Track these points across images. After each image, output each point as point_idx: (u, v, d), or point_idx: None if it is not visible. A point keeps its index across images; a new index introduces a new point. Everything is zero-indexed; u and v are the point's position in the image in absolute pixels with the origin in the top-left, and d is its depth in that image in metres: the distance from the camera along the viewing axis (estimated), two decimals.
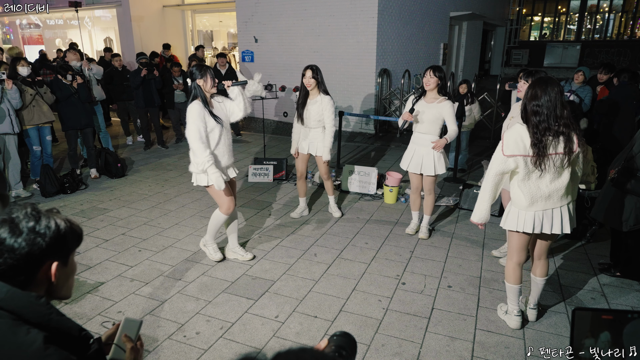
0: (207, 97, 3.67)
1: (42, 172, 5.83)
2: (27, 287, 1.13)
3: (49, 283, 1.18)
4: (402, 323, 3.20)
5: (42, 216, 1.16)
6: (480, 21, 15.37)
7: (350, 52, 9.32)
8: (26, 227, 1.13)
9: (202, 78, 3.60)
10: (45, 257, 1.15)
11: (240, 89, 3.88)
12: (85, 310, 3.33)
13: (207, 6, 12.88)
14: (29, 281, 1.14)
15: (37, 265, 1.14)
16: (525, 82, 3.81)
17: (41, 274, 1.16)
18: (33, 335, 1.06)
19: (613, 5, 22.10)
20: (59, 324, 1.14)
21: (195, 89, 3.62)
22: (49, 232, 1.15)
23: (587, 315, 1.16)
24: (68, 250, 1.21)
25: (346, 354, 1.03)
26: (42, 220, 1.16)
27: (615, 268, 3.83)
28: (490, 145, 8.41)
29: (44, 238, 1.14)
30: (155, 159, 7.68)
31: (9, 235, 1.11)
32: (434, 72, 4.16)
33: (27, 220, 1.14)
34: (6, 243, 1.10)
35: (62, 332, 1.14)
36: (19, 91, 5.51)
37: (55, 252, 1.17)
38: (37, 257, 1.13)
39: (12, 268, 1.11)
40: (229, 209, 3.84)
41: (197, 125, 3.54)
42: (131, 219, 5.05)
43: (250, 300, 3.47)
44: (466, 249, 4.34)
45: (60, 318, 1.15)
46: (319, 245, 4.42)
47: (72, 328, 1.18)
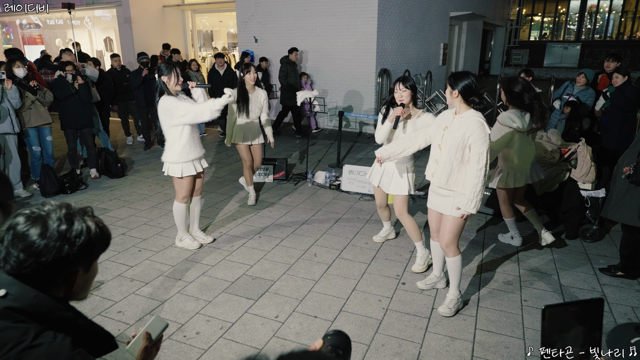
0: (172, 93, 3.87)
1: (42, 172, 5.83)
2: (48, 290, 1.11)
3: (69, 287, 1.16)
4: (402, 323, 3.20)
5: (76, 220, 1.12)
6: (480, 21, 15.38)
7: (350, 52, 9.32)
8: (57, 230, 1.08)
9: (167, 75, 3.81)
10: (70, 265, 1.12)
11: (203, 92, 4.09)
12: (85, 310, 3.33)
13: (207, 6, 12.88)
14: (51, 284, 1.12)
15: (61, 271, 1.11)
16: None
17: (63, 278, 1.13)
18: (60, 340, 1.05)
19: (613, 5, 22.10)
20: (84, 328, 1.14)
21: (161, 85, 3.84)
22: (79, 240, 1.10)
23: (557, 311, 1.15)
24: (94, 257, 1.18)
25: (342, 353, 1.04)
26: (75, 224, 1.11)
27: (616, 268, 3.81)
28: None
29: (73, 246, 1.09)
30: (155, 159, 7.68)
31: (39, 238, 1.06)
32: (403, 84, 3.54)
33: (59, 224, 1.09)
34: (35, 246, 1.06)
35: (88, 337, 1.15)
36: (18, 91, 5.51)
37: (81, 259, 1.13)
38: (63, 264, 1.10)
39: (37, 272, 1.08)
40: (185, 198, 4.14)
41: (180, 102, 3.80)
42: (131, 219, 5.06)
43: (250, 300, 3.47)
44: (466, 249, 4.34)
45: (85, 322, 1.15)
46: (319, 245, 4.42)
47: (97, 332, 1.18)
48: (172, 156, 3.96)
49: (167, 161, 4.02)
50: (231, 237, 4.60)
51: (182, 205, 4.16)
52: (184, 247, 4.30)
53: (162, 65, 3.86)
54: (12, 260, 1.07)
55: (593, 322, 1.17)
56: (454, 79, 2.96)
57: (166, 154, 4.00)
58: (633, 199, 3.50)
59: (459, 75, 2.96)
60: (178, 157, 3.94)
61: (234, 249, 4.34)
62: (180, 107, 3.76)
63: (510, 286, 3.69)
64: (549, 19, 23.87)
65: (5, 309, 1.04)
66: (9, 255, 1.07)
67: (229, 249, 4.32)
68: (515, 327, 3.15)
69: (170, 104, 3.78)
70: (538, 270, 3.95)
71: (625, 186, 3.55)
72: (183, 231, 4.29)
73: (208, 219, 5.04)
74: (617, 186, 3.64)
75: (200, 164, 4.14)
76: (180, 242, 4.33)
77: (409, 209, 4.01)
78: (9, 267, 1.07)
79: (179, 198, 4.14)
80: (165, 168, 4.08)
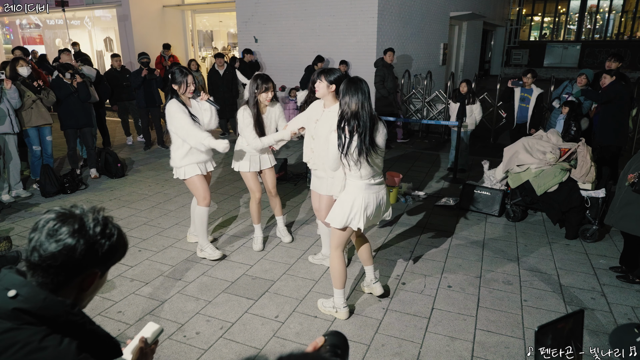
0: (181, 100, 3.79)
1: (42, 172, 5.83)
2: (61, 290, 1.11)
3: (80, 290, 1.16)
4: (402, 323, 3.20)
5: (109, 223, 1.16)
6: (480, 21, 15.37)
7: (350, 52, 9.32)
8: (93, 230, 1.11)
9: (178, 84, 3.74)
10: (94, 265, 1.14)
11: (212, 107, 3.93)
12: (85, 310, 3.31)
13: (207, 6, 12.87)
14: (66, 284, 1.12)
15: (84, 270, 1.12)
16: None
17: (80, 279, 1.14)
18: (66, 344, 1.05)
19: (613, 5, 22.10)
20: (91, 333, 1.14)
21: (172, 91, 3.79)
22: (108, 242, 1.13)
23: (546, 330, 1.19)
24: (114, 262, 1.20)
25: (341, 353, 1.05)
26: (109, 226, 1.15)
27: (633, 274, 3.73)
28: (490, 146, 8.41)
29: (102, 247, 1.12)
30: (155, 159, 7.68)
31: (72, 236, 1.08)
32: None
33: (95, 224, 1.12)
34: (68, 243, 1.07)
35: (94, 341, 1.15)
36: (18, 91, 5.51)
37: (104, 262, 1.15)
38: (88, 263, 1.11)
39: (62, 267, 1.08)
40: (206, 199, 3.96)
41: (183, 115, 3.69)
42: (131, 219, 5.06)
43: (250, 300, 3.47)
44: (466, 249, 4.34)
45: (92, 327, 1.16)
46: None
47: (104, 337, 1.19)
48: (175, 160, 3.88)
49: (173, 165, 3.93)
50: (231, 237, 4.59)
51: (205, 209, 3.96)
52: (205, 257, 4.08)
53: (176, 71, 3.77)
54: (43, 251, 1.07)
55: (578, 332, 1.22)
56: (328, 74, 3.31)
57: (171, 158, 3.92)
58: (637, 208, 3.43)
59: (331, 71, 3.34)
60: (180, 161, 3.85)
61: (234, 249, 4.34)
62: (179, 119, 3.67)
63: (510, 286, 3.69)
64: (549, 19, 23.88)
65: (14, 310, 1.04)
66: (40, 246, 1.08)
67: (229, 249, 4.32)
68: (515, 327, 3.15)
69: (173, 112, 3.69)
70: (538, 270, 3.95)
71: (629, 195, 3.49)
72: (205, 240, 4.07)
73: (208, 219, 5.03)
74: (621, 193, 3.59)
75: (206, 166, 4.01)
76: (202, 252, 4.10)
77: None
78: (36, 256, 1.08)
79: (199, 201, 3.95)
80: (174, 172, 3.98)
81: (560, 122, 5.89)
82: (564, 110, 5.79)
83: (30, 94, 5.72)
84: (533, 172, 4.73)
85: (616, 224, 3.65)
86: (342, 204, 2.99)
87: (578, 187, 4.54)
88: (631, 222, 3.49)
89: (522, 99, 6.57)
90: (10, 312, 1.04)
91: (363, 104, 2.75)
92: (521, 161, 4.84)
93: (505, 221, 4.99)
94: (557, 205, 4.58)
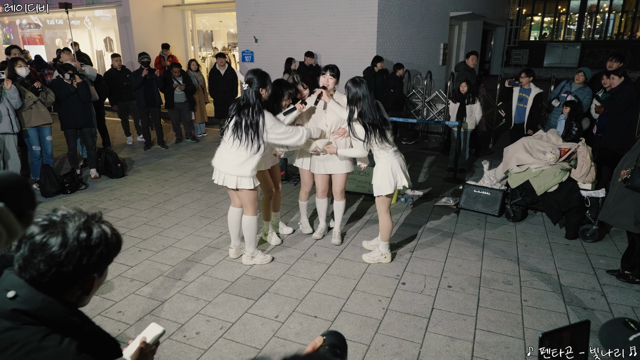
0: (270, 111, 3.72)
1: (42, 172, 5.83)
2: (63, 296, 1.12)
3: (85, 292, 1.17)
4: (402, 323, 3.20)
5: (94, 227, 1.12)
6: (480, 21, 15.37)
7: (350, 52, 9.32)
8: (77, 239, 1.08)
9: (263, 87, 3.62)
10: (90, 272, 1.13)
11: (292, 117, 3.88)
12: (85, 310, 3.30)
13: (207, 6, 12.88)
14: (68, 291, 1.12)
15: (80, 278, 1.12)
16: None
17: (80, 285, 1.14)
18: (66, 344, 1.06)
19: (613, 5, 22.11)
20: (91, 333, 1.15)
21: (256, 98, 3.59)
22: (98, 248, 1.12)
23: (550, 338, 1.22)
24: (109, 262, 1.19)
25: (340, 352, 1.05)
26: (94, 232, 1.12)
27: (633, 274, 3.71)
28: (490, 146, 8.41)
29: (92, 254, 1.10)
30: (155, 159, 7.68)
31: (60, 248, 1.06)
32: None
33: (78, 232, 1.09)
34: (56, 256, 1.06)
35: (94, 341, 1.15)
36: (17, 91, 5.51)
37: (99, 265, 1.15)
38: (83, 271, 1.11)
39: (57, 281, 1.08)
40: (256, 210, 3.96)
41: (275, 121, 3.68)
42: (131, 219, 5.06)
43: (250, 300, 3.47)
44: (466, 249, 4.34)
45: (92, 327, 1.16)
46: (319, 245, 4.42)
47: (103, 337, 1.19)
48: (246, 170, 3.65)
49: (238, 175, 3.67)
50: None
51: (255, 218, 3.90)
52: (256, 263, 4.01)
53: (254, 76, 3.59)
54: (32, 270, 1.07)
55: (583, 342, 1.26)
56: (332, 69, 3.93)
57: (239, 168, 3.64)
58: (630, 204, 3.44)
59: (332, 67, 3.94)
60: (254, 171, 3.69)
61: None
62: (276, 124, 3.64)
63: (510, 286, 3.69)
64: (549, 19, 23.89)
65: (12, 311, 1.04)
66: (28, 264, 1.07)
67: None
68: (515, 327, 3.15)
69: (270, 119, 3.61)
70: (538, 270, 3.95)
71: (622, 190, 3.50)
72: (254, 247, 4.02)
73: (208, 219, 5.04)
74: (615, 189, 3.60)
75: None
76: (252, 259, 4.02)
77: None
78: (28, 276, 1.07)
79: (250, 211, 3.85)
80: (232, 182, 3.71)
81: (562, 123, 5.88)
82: (564, 110, 5.79)
83: (31, 94, 5.72)
84: (533, 172, 4.73)
85: (610, 220, 3.66)
86: (383, 175, 3.69)
87: (578, 187, 4.54)
88: (624, 218, 3.50)
89: (519, 99, 6.56)
90: (9, 312, 1.04)
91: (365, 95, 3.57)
92: (521, 161, 4.84)
93: (505, 221, 4.99)
94: (557, 205, 4.58)
